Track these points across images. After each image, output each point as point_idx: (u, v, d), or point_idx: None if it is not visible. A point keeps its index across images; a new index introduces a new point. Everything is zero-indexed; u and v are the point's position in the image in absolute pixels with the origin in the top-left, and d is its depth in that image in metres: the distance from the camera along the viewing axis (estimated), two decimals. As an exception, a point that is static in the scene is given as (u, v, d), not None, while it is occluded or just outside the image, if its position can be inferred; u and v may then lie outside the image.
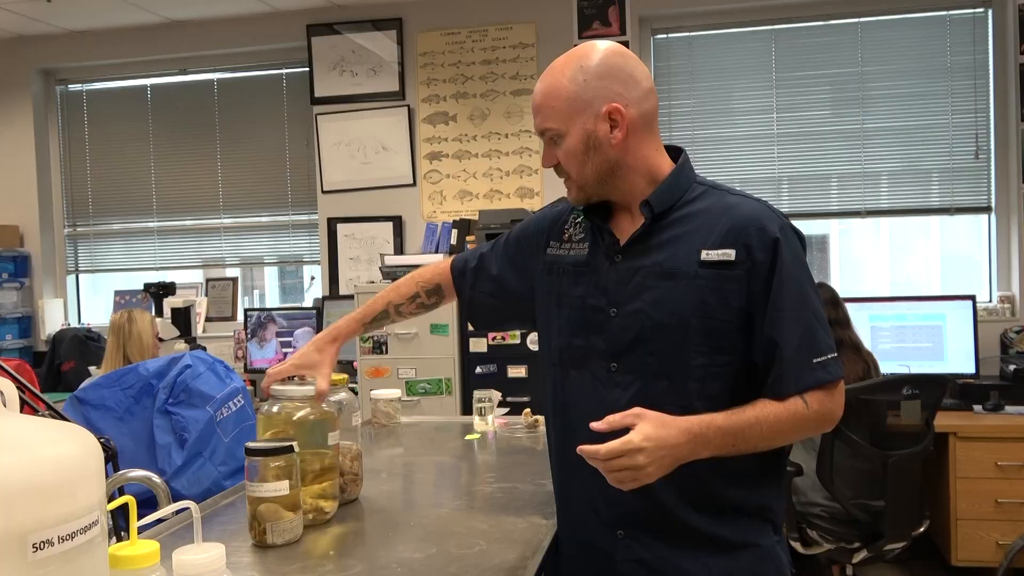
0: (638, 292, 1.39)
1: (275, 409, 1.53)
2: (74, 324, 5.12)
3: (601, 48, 1.40)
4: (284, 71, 4.95)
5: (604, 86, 1.37)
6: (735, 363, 1.36)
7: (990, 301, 4.17)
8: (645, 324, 1.38)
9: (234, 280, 5.07)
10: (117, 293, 5.14)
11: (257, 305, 5.10)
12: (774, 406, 1.33)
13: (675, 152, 1.48)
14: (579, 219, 1.52)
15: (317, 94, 4.75)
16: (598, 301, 1.43)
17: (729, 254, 1.35)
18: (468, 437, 2.28)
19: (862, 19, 4.27)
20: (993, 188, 4.16)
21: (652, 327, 1.37)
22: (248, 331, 4.65)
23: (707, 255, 1.36)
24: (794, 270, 1.36)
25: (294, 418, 1.51)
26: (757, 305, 1.35)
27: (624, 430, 1.26)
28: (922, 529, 3.13)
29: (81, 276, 5.29)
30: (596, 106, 1.37)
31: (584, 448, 1.26)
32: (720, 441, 1.30)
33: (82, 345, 4.68)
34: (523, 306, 1.62)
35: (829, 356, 1.35)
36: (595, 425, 1.27)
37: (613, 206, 1.47)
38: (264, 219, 5.02)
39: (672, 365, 1.37)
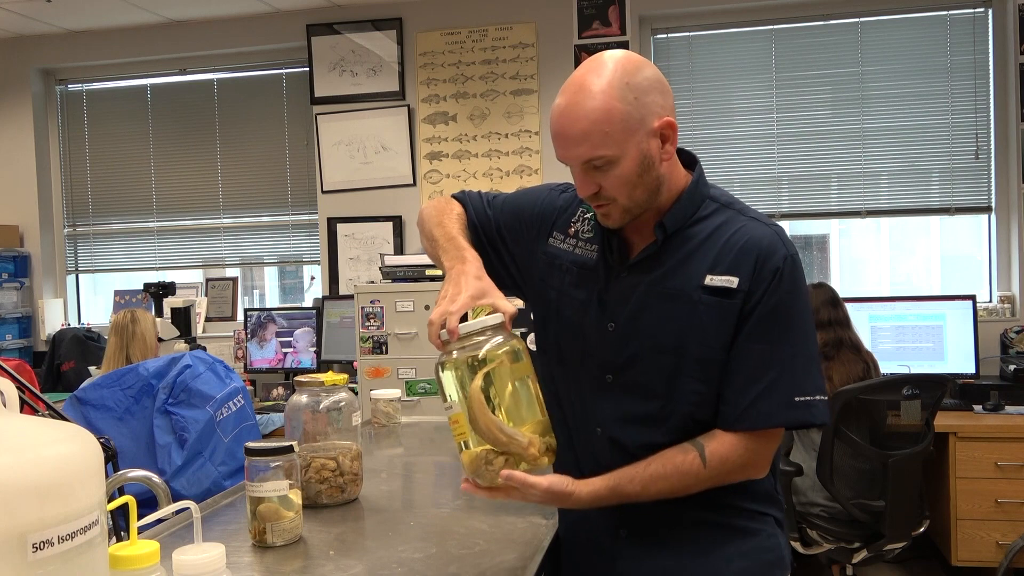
0: (638, 311, 1.36)
1: (455, 354, 1.26)
2: (74, 324, 5.12)
3: (629, 59, 1.31)
4: (284, 71, 4.95)
5: (651, 100, 1.29)
6: None
7: (990, 301, 4.17)
8: (643, 344, 1.35)
9: (234, 280, 5.07)
10: (117, 293, 5.14)
11: (257, 305, 5.10)
12: (664, 466, 1.30)
13: (685, 156, 1.42)
14: (589, 215, 1.46)
15: (317, 94, 4.75)
16: (597, 312, 1.40)
17: (732, 281, 1.31)
18: (468, 437, 2.27)
19: (862, 19, 4.27)
20: (993, 188, 4.16)
21: (649, 348, 1.34)
22: (248, 331, 4.65)
23: (711, 280, 1.32)
24: (786, 304, 1.31)
25: (499, 351, 1.26)
26: (736, 333, 1.31)
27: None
28: (922, 529, 3.13)
29: (81, 276, 5.29)
30: (648, 123, 1.29)
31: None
32: (605, 502, 1.32)
33: (82, 345, 4.68)
34: (507, 276, 1.54)
35: (816, 397, 1.31)
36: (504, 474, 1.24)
37: None
38: (264, 219, 5.02)
39: (666, 388, 1.34)
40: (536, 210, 1.53)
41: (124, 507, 0.96)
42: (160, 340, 3.44)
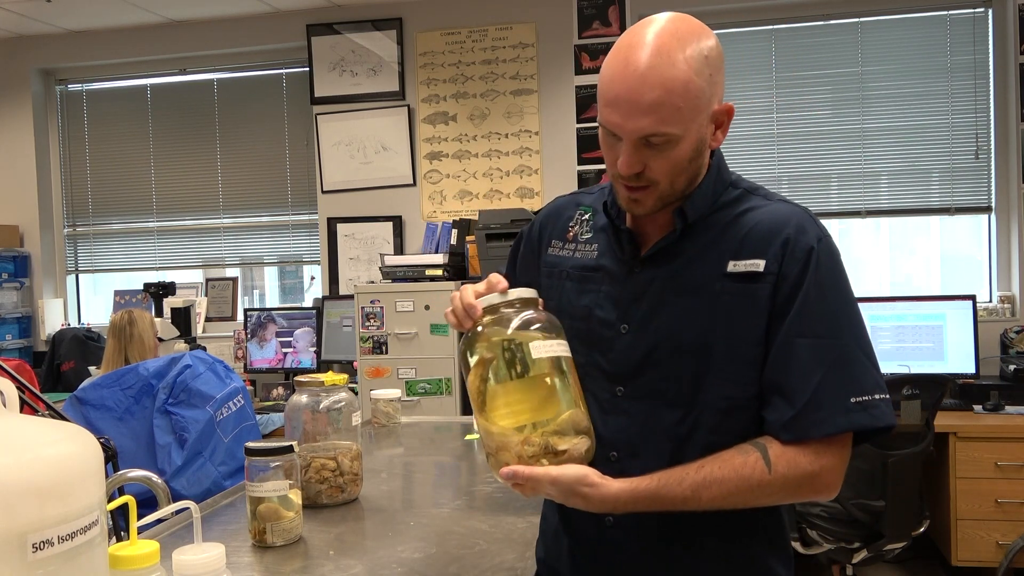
0: (654, 308, 1.21)
1: (480, 329, 1.17)
2: (74, 324, 5.12)
3: (704, 30, 1.18)
4: (284, 71, 4.95)
5: (718, 80, 1.17)
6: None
7: (990, 301, 4.17)
8: (661, 345, 1.20)
9: (234, 280, 5.07)
10: (117, 293, 5.14)
11: (257, 305, 5.10)
12: (721, 468, 1.13)
13: None
14: (586, 216, 1.34)
15: (317, 94, 4.75)
16: (607, 314, 1.25)
17: (758, 264, 1.17)
18: (468, 437, 2.28)
19: (862, 19, 4.27)
20: (993, 188, 4.16)
21: (668, 349, 1.20)
22: (248, 331, 4.65)
23: (734, 266, 1.18)
24: (826, 290, 1.16)
25: (530, 327, 1.16)
26: (773, 327, 1.16)
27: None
28: (922, 529, 3.13)
29: (81, 276, 5.29)
30: (712, 105, 1.16)
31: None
32: (644, 508, 1.14)
33: (82, 345, 4.69)
34: None
35: (876, 396, 1.14)
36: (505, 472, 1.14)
37: None
38: (264, 219, 5.02)
39: (689, 394, 1.19)
40: (535, 228, 1.42)
41: (124, 507, 0.96)
42: (160, 340, 3.44)
